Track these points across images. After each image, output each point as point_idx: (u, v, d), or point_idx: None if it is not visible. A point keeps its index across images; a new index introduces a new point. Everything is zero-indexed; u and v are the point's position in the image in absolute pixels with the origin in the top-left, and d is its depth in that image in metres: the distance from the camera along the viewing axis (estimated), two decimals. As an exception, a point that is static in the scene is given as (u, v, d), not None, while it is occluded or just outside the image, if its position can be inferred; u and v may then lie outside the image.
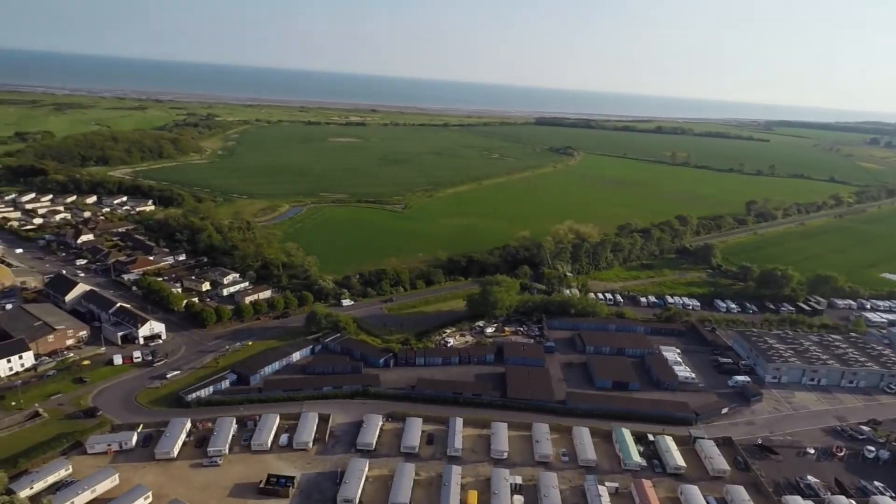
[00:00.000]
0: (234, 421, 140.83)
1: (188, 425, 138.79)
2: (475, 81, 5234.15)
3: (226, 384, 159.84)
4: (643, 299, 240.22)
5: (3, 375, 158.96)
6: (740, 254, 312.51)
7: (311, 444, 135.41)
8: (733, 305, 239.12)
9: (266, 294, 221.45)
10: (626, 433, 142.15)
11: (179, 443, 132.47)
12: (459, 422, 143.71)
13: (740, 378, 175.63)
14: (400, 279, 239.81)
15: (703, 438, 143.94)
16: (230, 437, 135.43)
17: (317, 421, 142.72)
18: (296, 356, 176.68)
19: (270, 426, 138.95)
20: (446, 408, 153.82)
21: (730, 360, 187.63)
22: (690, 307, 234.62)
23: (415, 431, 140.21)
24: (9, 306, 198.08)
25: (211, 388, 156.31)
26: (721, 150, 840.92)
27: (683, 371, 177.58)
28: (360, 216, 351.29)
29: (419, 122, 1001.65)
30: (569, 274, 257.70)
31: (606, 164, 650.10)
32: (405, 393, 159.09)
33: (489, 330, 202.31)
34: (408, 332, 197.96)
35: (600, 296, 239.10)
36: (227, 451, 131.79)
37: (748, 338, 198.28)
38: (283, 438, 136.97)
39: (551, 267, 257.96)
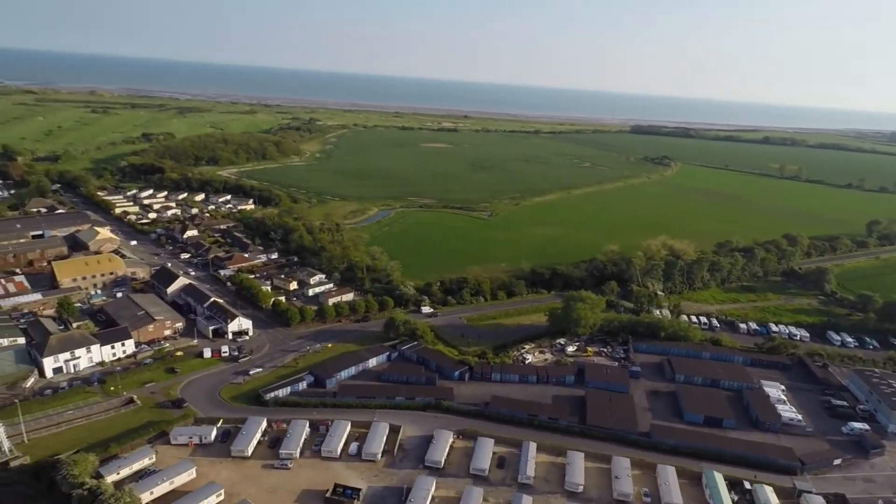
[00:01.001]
0: (307, 424, 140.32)
1: (264, 424, 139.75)
2: (567, 88, 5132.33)
3: (303, 385, 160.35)
4: (743, 325, 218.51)
5: (107, 360, 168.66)
6: (859, 280, 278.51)
7: (379, 456, 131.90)
8: (850, 339, 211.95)
9: (349, 296, 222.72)
10: (718, 477, 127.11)
11: (254, 442, 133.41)
12: (533, 447, 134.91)
13: (857, 425, 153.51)
14: (481, 289, 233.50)
15: (811, 493, 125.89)
16: (302, 440, 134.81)
17: (387, 432, 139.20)
18: (372, 362, 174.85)
19: (341, 433, 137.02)
20: (520, 430, 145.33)
21: (845, 403, 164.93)
22: (798, 338, 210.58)
23: (485, 452, 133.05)
24: (119, 294, 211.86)
25: (288, 389, 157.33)
26: (838, 163, 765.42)
27: (788, 411, 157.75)
28: (445, 222, 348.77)
29: (510, 128, 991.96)
30: (660, 293, 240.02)
31: (706, 175, 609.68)
32: (478, 410, 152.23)
33: (570, 349, 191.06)
34: (485, 344, 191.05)
35: (694, 319, 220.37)
36: (297, 454, 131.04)
37: (868, 378, 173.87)
38: (353, 447, 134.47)
39: (641, 285, 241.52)
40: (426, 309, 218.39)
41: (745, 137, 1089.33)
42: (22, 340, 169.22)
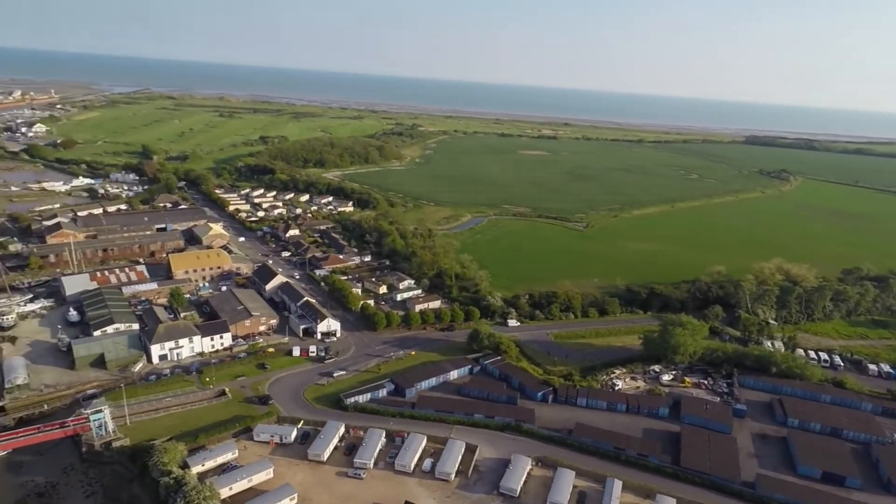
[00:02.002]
0: (384, 434, 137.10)
1: (342, 430, 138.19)
2: (675, 95, 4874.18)
3: (383, 393, 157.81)
4: (872, 367, 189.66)
5: (206, 351, 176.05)
6: None
7: (453, 476, 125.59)
8: None
9: (435, 304, 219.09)
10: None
11: (331, 447, 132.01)
12: (618, 485, 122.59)
13: None
14: (571, 305, 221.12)
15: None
16: (377, 450, 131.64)
17: (463, 450, 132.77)
18: (453, 374, 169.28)
19: (416, 447, 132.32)
20: (605, 463, 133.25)
21: None
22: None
23: (565, 485, 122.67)
24: (223, 288, 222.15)
25: (368, 395, 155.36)
26: None
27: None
28: (538, 232, 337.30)
29: (612, 136, 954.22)
30: (772, 322, 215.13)
31: (830, 192, 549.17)
32: (560, 437, 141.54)
33: (666, 377, 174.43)
34: (572, 365, 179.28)
35: (812, 354, 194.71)
36: (371, 465, 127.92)
37: None
38: (427, 463, 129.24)
39: (750, 312, 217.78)
40: (513, 322, 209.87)
41: (878, 151, 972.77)
42: (136, 326, 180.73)
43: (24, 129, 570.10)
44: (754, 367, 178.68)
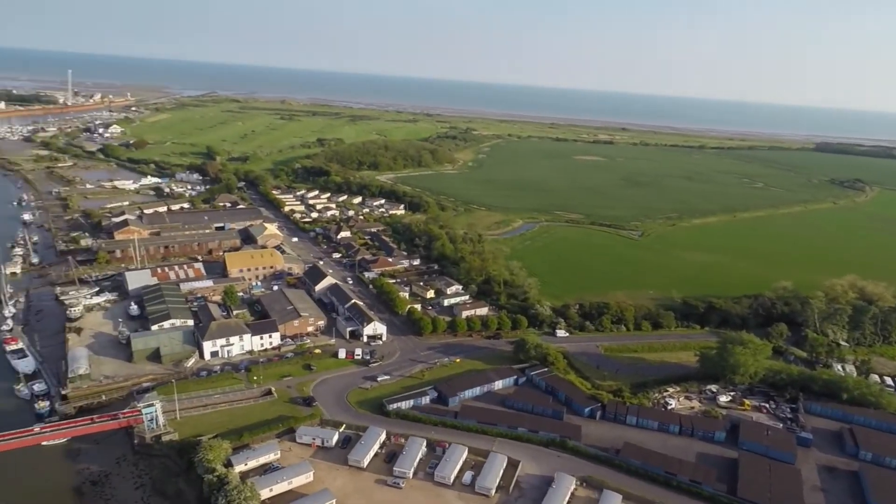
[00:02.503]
0: (424, 443, 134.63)
1: (383, 437, 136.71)
2: (737, 100, 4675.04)
3: (425, 400, 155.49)
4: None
5: (255, 350, 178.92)
6: None
7: (493, 491, 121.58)
8: None
9: (483, 311, 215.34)
10: None
11: (371, 454, 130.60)
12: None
13: None
14: (623, 316, 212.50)
15: None
16: (417, 460, 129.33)
17: (504, 465, 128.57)
18: (498, 384, 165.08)
19: (457, 459, 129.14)
20: (654, 488, 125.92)
21: None
22: None
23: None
24: (275, 287, 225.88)
25: (411, 402, 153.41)
26: None
27: None
28: (591, 239, 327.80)
29: (671, 142, 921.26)
30: (843, 344, 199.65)
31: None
32: (607, 456, 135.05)
33: (723, 398, 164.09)
34: (622, 380, 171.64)
35: (888, 381, 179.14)
36: (411, 474, 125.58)
37: None
38: (467, 476, 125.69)
39: (819, 332, 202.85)
40: (561, 332, 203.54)
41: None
42: (191, 323, 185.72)
43: (101, 130, 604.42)
44: (822, 393, 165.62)
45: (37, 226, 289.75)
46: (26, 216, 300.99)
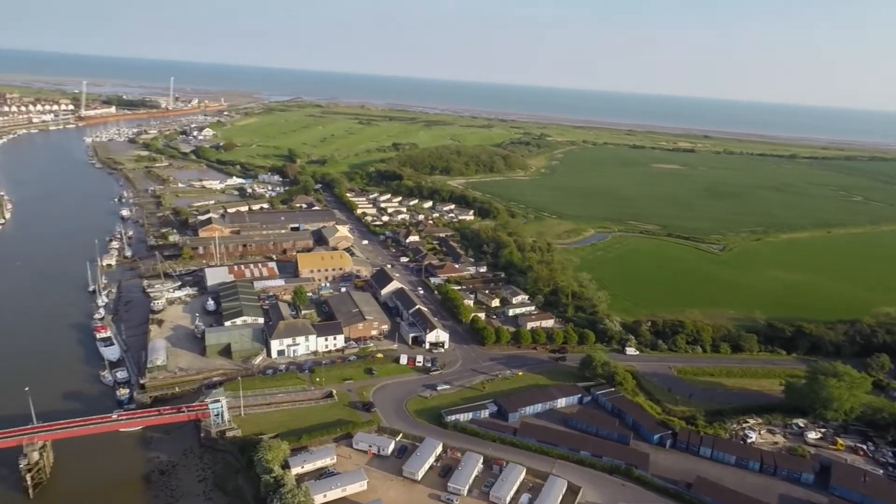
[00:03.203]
0: (481, 460, 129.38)
1: (439, 449, 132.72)
2: (834, 106, 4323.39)
3: (485, 414, 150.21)
4: None
5: (320, 350, 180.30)
6: None
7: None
8: None
9: (549, 323, 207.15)
10: None
11: (426, 466, 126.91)
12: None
13: None
14: (700, 337, 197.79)
15: None
16: (473, 476, 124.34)
17: (564, 490, 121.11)
18: (561, 402, 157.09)
19: (514, 479, 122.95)
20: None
21: None
22: None
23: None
24: (343, 289, 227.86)
25: (470, 415, 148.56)
26: None
27: None
28: (667, 252, 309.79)
29: (758, 151, 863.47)
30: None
31: None
32: (677, 490, 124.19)
33: (812, 435, 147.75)
34: (697, 406, 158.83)
35: None
36: (465, 492, 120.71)
37: None
38: (524, 499, 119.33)
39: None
40: (631, 350, 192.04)
41: None
42: (261, 320, 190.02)
43: (195, 133, 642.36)
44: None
45: (133, 221, 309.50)
46: (124, 212, 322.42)
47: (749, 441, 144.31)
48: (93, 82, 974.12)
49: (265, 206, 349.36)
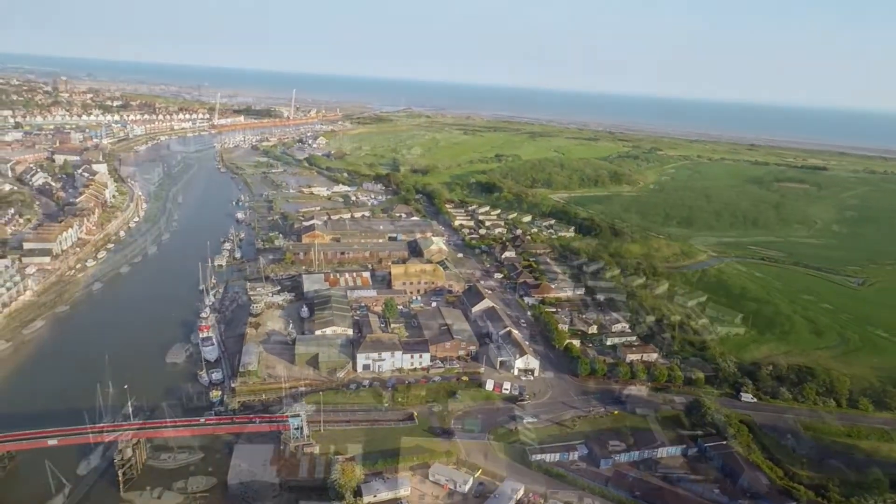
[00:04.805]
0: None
1: (520, 493, 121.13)
2: None
3: (574, 456, 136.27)
4: None
5: (405, 368, 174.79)
6: None
7: None
8: None
9: (651, 356, 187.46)
10: None
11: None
12: None
13: None
14: (833, 387, 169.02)
15: None
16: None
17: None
18: (661, 451, 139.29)
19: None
20: None
21: None
22: None
23: None
24: (433, 304, 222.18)
25: (557, 456, 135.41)
26: None
27: None
28: (791, 283, 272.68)
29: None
30: None
31: None
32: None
33: None
34: (829, 473, 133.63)
35: None
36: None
37: None
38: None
39: None
40: (747, 396, 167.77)
41: None
42: (350, 332, 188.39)
43: (310, 141, 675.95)
44: None
45: (246, 224, 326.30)
46: (239, 215, 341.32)
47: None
48: (225, 94, 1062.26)
49: (366, 213, 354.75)
